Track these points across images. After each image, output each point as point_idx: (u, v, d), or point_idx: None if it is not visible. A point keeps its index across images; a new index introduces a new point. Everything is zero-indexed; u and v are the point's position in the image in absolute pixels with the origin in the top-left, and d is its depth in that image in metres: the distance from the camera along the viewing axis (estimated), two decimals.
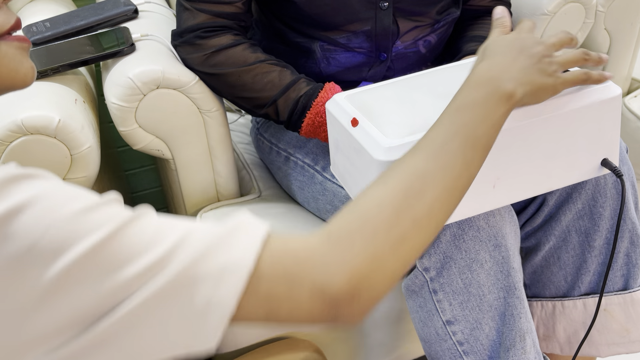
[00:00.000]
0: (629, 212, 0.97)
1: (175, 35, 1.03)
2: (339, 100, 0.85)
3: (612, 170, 0.85)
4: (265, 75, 0.99)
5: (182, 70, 0.99)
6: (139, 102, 0.96)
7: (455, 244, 0.87)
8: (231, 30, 1.01)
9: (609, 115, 0.82)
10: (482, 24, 1.14)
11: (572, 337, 1.04)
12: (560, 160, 0.83)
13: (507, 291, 0.88)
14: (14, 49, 0.52)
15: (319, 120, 0.98)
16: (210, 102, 1.02)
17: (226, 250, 0.48)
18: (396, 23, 1.04)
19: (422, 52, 1.10)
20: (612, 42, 1.35)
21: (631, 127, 1.38)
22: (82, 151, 0.89)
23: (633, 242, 0.99)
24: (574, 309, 1.02)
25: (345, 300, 0.50)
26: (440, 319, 0.90)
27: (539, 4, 1.18)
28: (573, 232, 0.99)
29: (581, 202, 0.97)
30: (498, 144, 0.78)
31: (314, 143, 1.09)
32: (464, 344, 0.89)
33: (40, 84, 0.95)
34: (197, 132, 1.03)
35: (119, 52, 1.01)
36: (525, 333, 0.88)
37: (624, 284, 1.01)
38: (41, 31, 1.09)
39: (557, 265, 1.02)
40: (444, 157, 0.59)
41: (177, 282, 0.46)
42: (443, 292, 0.89)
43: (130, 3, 1.16)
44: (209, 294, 0.47)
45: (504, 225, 0.88)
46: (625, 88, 1.44)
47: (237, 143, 1.36)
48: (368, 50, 1.06)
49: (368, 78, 1.10)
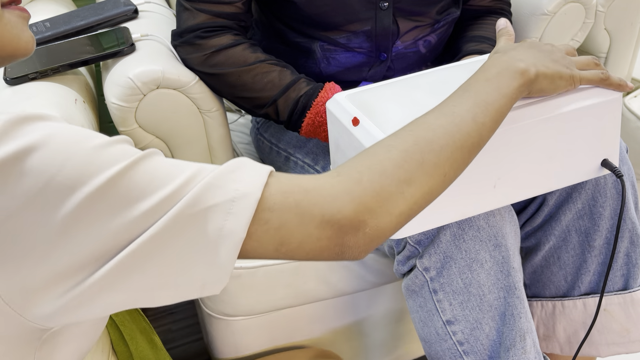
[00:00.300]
0: (629, 212, 0.97)
1: (175, 35, 1.03)
2: (340, 99, 0.85)
3: (612, 170, 0.85)
4: (265, 75, 0.99)
5: (182, 70, 0.99)
6: (139, 102, 0.96)
7: (455, 243, 0.87)
8: (231, 30, 1.01)
9: (609, 115, 0.82)
10: (482, 24, 1.14)
11: (572, 337, 1.04)
12: (561, 160, 0.83)
13: (507, 291, 0.88)
14: (16, 17, 0.54)
15: (319, 120, 0.98)
16: (210, 102, 1.02)
17: (234, 182, 0.50)
18: (396, 23, 1.04)
19: (422, 52, 1.10)
20: (612, 42, 1.35)
21: (631, 127, 1.38)
22: None
23: (633, 242, 0.99)
24: (574, 309, 1.02)
25: (352, 229, 0.53)
26: (441, 318, 0.90)
27: (539, 4, 1.18)
28: (573, 232, 0.99)
29: (581, 202, 0.97)
30: (498, 144, 0.78)
31: (314, 143, 1.09)
32: (464, 343, 0.89)
33: (40, 84, 0.95)
34: (197, 132, 1.03)
35: (119, 52, 1.00)
36: (525, 333, 0.88)
37: (624, 284, 1.01)
38: (41, 31, 1.09)
39: (557, 265, 1.02)
40: (455, 115, 0.62)
41: (188, 214, 0.48)
42: (443, 292, 0.89)
43: (130, 3, 1.15)
44: (220, 224, 0.49)
45: (504, 225, 0.88)
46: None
47: (237, 143, 1.36)
48: (368, 50, 1.06)
49: (368, 78, 1.10)
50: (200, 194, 0.49)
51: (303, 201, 0.52)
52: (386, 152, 0.58)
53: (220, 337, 1.11)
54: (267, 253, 0.52)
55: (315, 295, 1.09)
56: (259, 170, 0.52)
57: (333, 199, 0.53)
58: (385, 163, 0.56)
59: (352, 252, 0.54)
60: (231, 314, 1.07)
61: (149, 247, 0.47)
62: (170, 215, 0.47)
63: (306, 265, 1.05)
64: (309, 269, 1.05)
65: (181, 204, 0.48)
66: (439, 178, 0.58)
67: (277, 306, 1.08)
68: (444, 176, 0.59)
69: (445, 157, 0.59)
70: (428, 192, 0.58)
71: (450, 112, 0.63)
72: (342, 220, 0.53)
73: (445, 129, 0.60)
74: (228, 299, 1.04)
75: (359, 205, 0.53)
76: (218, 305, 1.06)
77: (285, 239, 0.52)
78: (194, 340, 1.47)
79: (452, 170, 0.60)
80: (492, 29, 1.12)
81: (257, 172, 0.52)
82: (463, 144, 0.61)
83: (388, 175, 0.55)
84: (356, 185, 0.54)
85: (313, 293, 1.08)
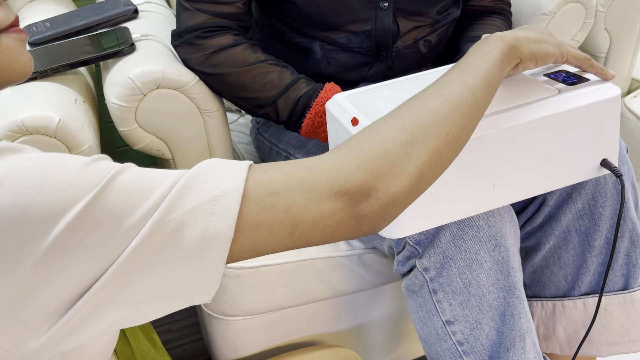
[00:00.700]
0: (629, 211, 0.97)
1: (175, 35, 1.03)
2: (339, 100, 0.85)
3: (612, 170, 0.85)
4: (265, 75, 0.99)
5: (182, 70, 0.99)
6: (139, 102, 0.96)
7: (455, 244, 0.87)
8: (231, 30, 1.01)
9: (609, 115, 0.82)
10: (482, 24, 1.14)
11: (572, 337, 1.04)
12: (560, 160, 0.83)
13: (507, 291, 0.88)
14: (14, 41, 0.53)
15: (318, 121, 0.98)
16: (210, 102, 1.02)
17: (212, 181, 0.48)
18: (396, 23, 1.04)
19: (422, 52, 1.10)
20: (612, 42, 1.35)
21: (631, 127, 1.38)
22: (82, 151, 0.89)
23: (633, 241, 0.99)
24: (574, 308, 1.02)
25: (364, 197, 0.52)
26: (440, 319, 0.90)
27: (539, 4, 1.18)
28: (573, 232, 0.99)
29: (581, 201, 0.97)
30: (498, 143, 0.78)
31: (314, 143, 1.09)
32: (463, 344, 0.89)
33: (40, 84, 0.95)
34: (197, 132, 1.03)
35: (119, 52, 1.01)
36: (525, 333, 0.88)
37: (624, 284, 1.01)
38: (41, 31, 1.09)
39: (557, 265, 1.02)
40: (443, 82, 0.63)
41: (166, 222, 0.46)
42: (443, 292, 0.89)
43: (130, 3, 1.16)
44: (203, 226, 0.47)
45: (503, 225, 0.88)
46: (625, 88, 1.44)
47: (237, 143, 1.36)
48: (368, 50, 1.06)
49: (368, 78, 1.10)
50: (176, 199, 0.46)
51: (307, 178, 0.51)
52: (382, 121, 0.57)
53: (220, 337, 1.11)
54: (281, 242, 0.50)
55: (315, 295, 1.09)
56: (236, 165, 0.50)
57: (338, 170, 0.52)
58: (384, 130, 0.56)
59: (369, 221, 0.53)
60: (231, 314, 1.07)
61: (130, 264, 0.45)
62: (148, 228, 0.45)
63: (306, 265, 1.05)
64: (308, 268, 1.05)
65: (158, 213, 0.46)
66: (442, 137, 0.58)
67: (277, 306, 1.08)
68: (447, 135, 0.58)
69: (443, 116, 0.59)
70: (435, 152, 0.57)
71: (438, 82, 0.64)
72: (352, 188, 0.51)
73: (435, 93, 0.61)
74: (228, 299, 1.05)
75: (365, 171, 0.52)
76: (218, 305, 1.06)
77: (297, 220, 0.50)
78: (194, 340, 1.47)
79: (455, 129, 0.59)
80: (492, 29, 1.12)
81: (236, 168, 0.50)
82: (458, 104, 0.61)
83: (389, 140, 0.55)
84: (359, 153, 0.53)
85: (313, 293, 1.08)
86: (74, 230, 0.44)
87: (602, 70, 0.81)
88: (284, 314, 1.10)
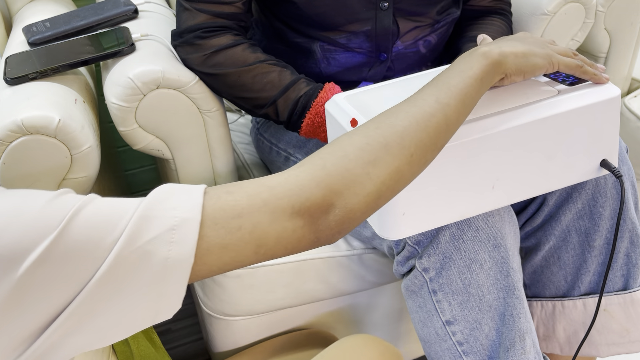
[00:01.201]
0: (629, 212, 0.97)
1: (175, 35, 1.03)
2: (338, 100, 0.85)
3: (611, 171, 0.85)
4: (265, 75, 0.99)
5: (182, 70, 0.99)
6: (139, 102, 0.96)
7: (454, 244, 0.87)
8: (231, 30, 1.01)
9: (608, 115, 0.82)
10: (482, 24, 1.14)
11: (572, 337, 1.04)
12: (559, 161, 0.83)
13: (507, 291, 0.88)
14: None
15: (318, 121, 0.98)
16: (210, 102, 1.02)
17: (170, 209, 0.49)
18: (396, 23, 1.04)
19: (422, 52, 1.10)
20: (612, 42, 1.35)
21: (631, 127, 1.38)
22: (82, 151, 0.89)
23: (633, 242, 0.99)
24: (573, 309, 1.02)
25: (322, 213, 0.54)
26: (440, 319, 0.90)
27: (539, 4, 1.17)
28: (573, 232, 0.99)
29: (581, 202, 0.97)
30: (497, 144, 0.78)
31: (314, 143, 1.09)
32: (463, 344, 0.89)
33: (40, 84, 0.95)
34: (197, 132, 1.03)
35: (119, 52, 1.01)
36: (525, 333, 0.88)
37: (624, 284, 1.01)
38: (41, 31, 1.09)
39: (557, 265, 1.02)
40: (417, 99, 0.63)
41: (128, 252, 0.47)
42: (442, 292, 0.89)
43: (130, 3, 1.16)
44: (164, 255, 0.48)
45: (503, 225, 0.88)
46: (625, 88, 1.44)
47: (237, 143, 1.36)
48: (368, 50, 1.06)
49: (368, 78, 1.10)
50: (136, 230, 0.47)
51: (270, 198, 0.52)
52: (348, 138, 0.58)
53: (220, 337, 1.11)
54: (247, 259, 0.52)
55: (315, 295, 1.09)
56: (193, 191, 0.51)
57: (300, 189, 0.53)
58: (347, 147, 0.57)
59: (325, 236, 0.55)
60: (231, 314, 1.07)
61: (95, 294, 0.46)
62: (111, 259, 0.46)
63: (306, 265, 1.05)
64: (308, 269, 1.05)
65: (120, 244, 0.47)
66: (405, 158, 0.58)
67: (277, 306, 1.08)
68: (411, 156, 0.59)
69: (410, 137, 0.59)
70: (395, 172, 0.58)
71: (412, 98, 0.64)
72: (312, 207, 0.53)
73: (407, 112, 0.61)
74: (228, 299, 1.05)
75: (325, 190, 0.54)
76: (218, 305, 1.06)
77: (261, 240, 0.52)
78: (194, 340, 1.47)
79: (420, 151, 0.60)
80: (492, 29, 1.12)
81: (192, 194, 0.51)
82: (427, 125, 0.61)
83: (351, 159, 0.56)
84: (320, 170, 0.54)
85: (313, 293, 1.08)
86: (40, 266, 0.44)
87: (596, 75, 0.81)
88: (284, 314, 1.10)
